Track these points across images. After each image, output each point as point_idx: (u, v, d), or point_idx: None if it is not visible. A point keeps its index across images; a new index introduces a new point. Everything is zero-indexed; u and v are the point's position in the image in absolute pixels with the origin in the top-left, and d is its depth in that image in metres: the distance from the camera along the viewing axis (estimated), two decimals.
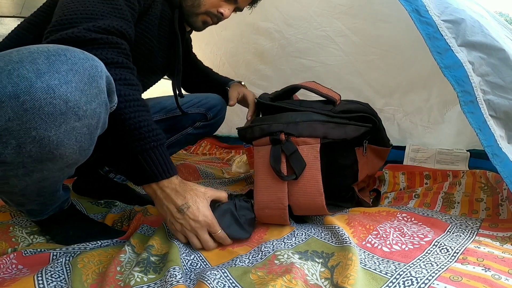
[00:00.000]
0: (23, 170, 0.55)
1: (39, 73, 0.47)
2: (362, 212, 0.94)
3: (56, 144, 0.51)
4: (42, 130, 0.49)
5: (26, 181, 0.58)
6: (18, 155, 0.51)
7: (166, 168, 0.71)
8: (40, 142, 0.50)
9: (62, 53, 0.50)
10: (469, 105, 0.77)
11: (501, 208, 0.88)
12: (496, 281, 0.57)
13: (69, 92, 0.49)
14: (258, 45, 1.75)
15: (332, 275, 0.63)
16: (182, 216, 0.73)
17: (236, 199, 0.82)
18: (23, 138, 0.49)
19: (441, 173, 1.11)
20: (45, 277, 0.62)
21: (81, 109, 0.51)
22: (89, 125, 0.54)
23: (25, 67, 0.47)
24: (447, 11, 0.79)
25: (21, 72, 0.47)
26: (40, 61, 0.48)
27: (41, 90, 0.47)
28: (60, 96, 0.49)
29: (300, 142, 0.84)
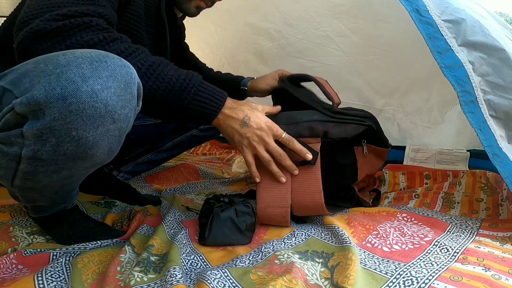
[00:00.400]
0: (54, 167, 0.58)
1: (84, 78, 0.50)
2: (362, 212, 0.93)
3: (91, 144, 0.55)
4: (82, 130, 0.53)
5: (52, 178, 0.61)
6: (55, 152, 0.54)
7: (216, 98, 0.72)
8: (78, 141, 0.54)
9: (103, 59, 0.53)
10: (469, 105, 0.77)
11: (501, 208, 0.88)
12: (496, 281, 0.57)
13: (108, 96, 0.53)
14: (257, 45, 1.74)
15: (332, 275, 0.63)
16: (247, 128, 0.74)
17: (236, 205, 0.82)
18: (63, 137, 0.52)
19: (441, 173, 1.11)
20: (45, 277, 0.62)
21: (116, 113, 0.55)
22: (120, 128, 0.58)
23: (71, 71, 0.50)
24: (448, 11, 0.79)
25: (69, 76, 0.50)
26: (84, 66, 0.51)
27: (86, 93, 0.51)
28: (101, 100, 0.52)
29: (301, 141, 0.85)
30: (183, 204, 1.03)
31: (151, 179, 1.36)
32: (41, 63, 0.52)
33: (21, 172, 0.59)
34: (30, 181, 0.61)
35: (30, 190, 0.67)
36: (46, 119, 0.50)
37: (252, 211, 0.85)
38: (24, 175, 0.59)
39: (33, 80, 0.51)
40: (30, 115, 0.51)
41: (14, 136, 0.54)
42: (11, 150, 0.55)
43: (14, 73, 0.54)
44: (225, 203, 0.83)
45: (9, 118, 0.53)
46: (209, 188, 1.28)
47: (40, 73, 0.50)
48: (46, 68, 0.51)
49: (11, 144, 0.55)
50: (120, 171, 1.20)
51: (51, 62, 0.51)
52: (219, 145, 2.03)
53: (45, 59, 0.52)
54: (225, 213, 0.80)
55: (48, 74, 0.50)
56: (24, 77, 0.52)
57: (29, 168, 0.57)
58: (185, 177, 1.41)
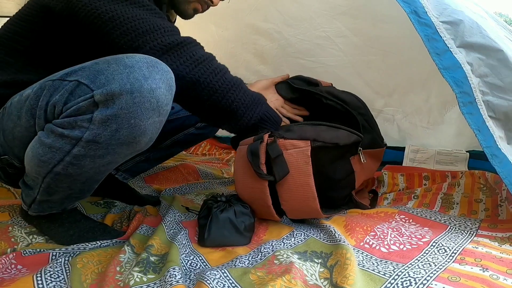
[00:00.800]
0: (103, 151, 0.67)
1: (145, 77, 0.63)
2: (360, 213, 0.94)
3: (142, 131, 0.66)
4: (138, 119, 0.64)
5: (95, 163, 0.69)
6: (111, 137, 0.64)
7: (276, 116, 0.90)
8: (133, 128, 0.64)
9: (155, 65, 0.65)
10: (468, 106, 0.77)
11: (500, 208, 0.88)
12: (494, 281, 0.58)
13: (160, 95, 0.65)
14: (258, 46, 1.74)
15: (331, 275, 0.63)
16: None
17: (235, 205, 0.82)
18: (123, 124, 0.63)
19: (439, 174, 1.12)
20: (44, 277, 0.63)
21: (162, 108, 0.67)
22: (161, 121, 0.69)
23: (136, 71, 0.63)
24: (446, 12, 0.79)
25: (135, 75, 0.62)
26: (144, 68, 0.63)
27: (147, 90, 0.63)
28: (156, 97, 0.64)
29: (289, 145, 0.81)
30: (183, 204, 1.03)
31: (151, 180, 1.36)
32: (113, 64, 0.63)
33: (71, 155, 0.66)
34: (74, 166, 0.68)
35: (64, 178, 0.71)
36: (115, 107, 0.62)
37: (251, 212, 0.85)
38: (71, 160, 0.67)
39: (108, 77, 0.62)
40: (102, 104, 0.62)
41: (81, 120, 0.63)
42: (73, 133, 0.64)
43: (87, 71, 0.64)
44: (223, 203, 0.83)
45: (83, 105, 0.63)
46: (208, 188, 1.28)
47: (114, 72, 0.62)
48: (118, 68, 0.62)
49: (74, 128, 0.64)
50: (119, 170, 1.20)
51: (121, 63, 0.63)
52: (219, 146, 2.03)
53: (115, 60, 0.64)
54: (224, 214, 0.80)
55: (120, 73, 0.62)
56: (99, 74, 0.63)
57: (81, 152, 0.66)
58: (184, 178, 1.41)
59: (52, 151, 0.66)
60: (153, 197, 1.14)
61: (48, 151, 0.66)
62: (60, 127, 0.65)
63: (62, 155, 0.66)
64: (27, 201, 0.79)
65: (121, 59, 0.64)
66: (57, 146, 0.65)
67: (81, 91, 0.63)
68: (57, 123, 0.65)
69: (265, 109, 0.86)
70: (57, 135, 0.65)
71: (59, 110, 0.65)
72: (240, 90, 0.82)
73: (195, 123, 1.26)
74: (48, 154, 0.67)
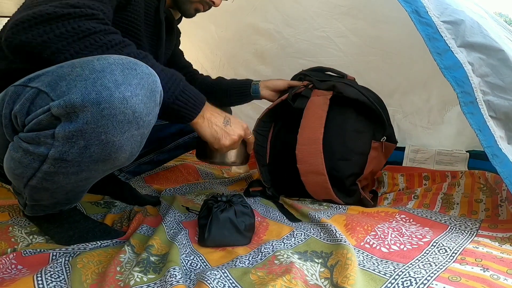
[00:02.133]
0: (76, 168, 0.60)
1: (117, 84, 0.53)
2: (360, 212, 0.94)
3: (117, 148, 0.58)
4: (111, 135, 0.55)
5: (70, 179, 0.62)
6: (81, 154, 0.57)
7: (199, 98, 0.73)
8: (105, 145, 0.56)
9: (133, 67, 0.56)
10: (469, 106, 0.77)
11: (500, 209, 0.88)
12: (494, 281, 0.57)
13: (137, 104, 0.55)
14: (258, 46, 1.74)
15: (332, 275, 0.63)
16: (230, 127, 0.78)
17: (235, 205, 0.82)
18: (92, 140, 0.55)
19: (439, 174, 1.12)
20: (44, 277, 0.62)
21: (141, 120, 0.57)
22: (142, 134, 0.61)
23: (106, 77, 0.53)
24: (447, 12, 0.79)
25: (103, 82, 0.52)
26: (117, 72, 0.53)
27: (118, 100, 0.53)
28: (130, 107, 0.55)
29: (319, 93, 1.05)
30: (183, 204, 1.03)
31: (151, 180, 1.36)
32: (78, 67, 0.54)
33: (42, 172, 0.60)
34: (47, 181, 0.63)
35: (43, 191, 0.67)
36: (79, 122, 0.53)
37: (251, 212, 0.85)
38: (44, 176, 0.61)
39: (70, 84, 0.53)
40: (64, 117, 0.53)
41: (44, 136, 0.56)
42: (38, 150, 0.57)
43: (49, 76, 0.56)
44: (223, 203, 0.83)
45: (43, 119, 0.55)
46: (208, 188, 1.28)
47: (76, 77, 0.53)
48: (83, 72, 0.53)
49: (39, 144, 0.57)
50: (122, 171, 1.20)
51: (87, 66, 0.53)
52: None
53: (81, 63, 0.54)
54: (224, 214, 0.80)
55: (84, 79, 0.52)
56: (61, 80, 0.54)
57: (52, 169, 0.59)
58: (184, 177, 1.41)
59: (22, 166, 0.60)
60: (153, 197, 1.14)
61: (19, 166, 0.61)
62: (25, 142, 0.58)
63: (32, 171, 0.60)
64: (21, 203, 0.78)
65: (90, 61, 0.54)
66: (25, 162, 0.59)
67: (41, 100, 0.55)
68: (22, 137, 0.58)
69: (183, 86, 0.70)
70: (24, 150, 0.58)
71: (22, 121, 0.57)
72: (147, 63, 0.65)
73: None
74: (19, 169, 0.61)
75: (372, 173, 1.08)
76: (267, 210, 1.02)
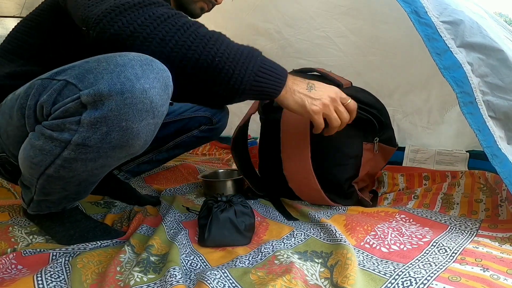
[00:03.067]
0: (94, 154, 0.63)
1: (137, 77, 0.58)
2: (360, 212, 0.94)
3: (134, 135, 0.62)
4: (130, 122, 0.60)
5: (87, 166, 0.66)
6: (102, 140, 0.61)
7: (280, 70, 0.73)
8: (125, 131, 0.61)
9: (150, 63, 0.61)
10: (468, 106, 0.77)
11: (500, 209, 0.88)
12: (495, 281, 0.57)
13: (154, 95, 0.60)
14: (258, 46, 1.71)
15: (332, 275, 0.63)
16: (315, 91, 0.74)
17: (235, 205, 0.82)
18: (113, 127, 0.60)
19: (439, 174, 1.12)
20: (44, 277, 0.63)
21: (157, 110, 0.62)
22: (156, 123, 0.65)
23: (128, 70, 0.58)
24: (446, 12, 0.79)
25: (126, 74, 0.58)
26: (137, 67, 0.59)
27: (139, 90, 0.58)
28: (149, 97, 0.60)
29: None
30: (183, 204, 1.03)
31: (151, 180, 1.37)
32: (103, 62, 0.59)
33: (62, 158, 0.63)
34: (65, 169, 0.66)
35: (58, 180, 0.69)
36: (104, 109, 0.58)
37: (251, 212, 0.85)
38: (62, 163, 0.64)
39: (97, 76, 0.58)
40: (90, 105, 0.58)
41: (70, 122, 0.60)
42: (61, 136, 0.61)
43: (77, 69, 0.61)
44: (223, 202, 0.83)
45: (71, 106, 0.59)
46: None
47: (103, 71, 0.58)
48: (108, 66, 0.58)
49: (63, 130, 0.61)
50: (121, 170, 1.20)
51: (112, 61, 0.59)
52: (219, 146, 2.03)
53: (106, 58, 0.60)
54: (224, 214, 0.80)
55: (110, 72, 0.58)
56: (88, 73, 0.59)
57: (72, 155, 0.63)
58: (184, 177, 1.41)
59: (43, 153, 0.64)
60: (153, 197, 1.15)
61: (39, 154, 0.64)
62: (49, 129, 0.62)
63: (52, 158, 0.64)
64: (26, 200, 0.79)
65: (113, 57, 0.60)
66: (47, 149, 0.63)
67: (69, 91, 0.60)
68: (46, 124, 0.63)
69: (262, 61, 0.71)
70: (46, 137, 0.62)
71: (48, 111, 0.62)
72: (222, 43, 0.67)
73: (199, 125, 1.27)
74: (39, 157, 0.64)
75: (369, 175, 1.07)
76: (267, 210, 1.02)
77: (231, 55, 0.67)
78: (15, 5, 1.84)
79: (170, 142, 1.27)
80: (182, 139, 1.27)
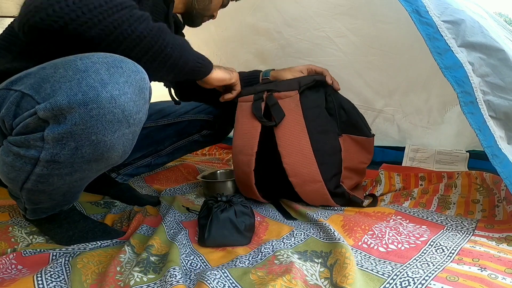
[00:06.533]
0: (69, 169, 0.59)
1: (103, 84, 0.52)
2: (357, 212, 0.94)
3: (109, 147, 0.57)
4: (101, 135, 0.55)
5: (64, 180, 0.62)
6: (72, 156, 0.56)
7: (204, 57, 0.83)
8: (96, 145, 0.56)
9: (119, 65, 0.55)
10: (469, 106, 0.77)
11: (497, 209, 0.88)
12: (493, 280, 0.57)
13: (125, 102, 0.55)
14: (258, 46, 1.75)
15: (331, 274, 0.63)
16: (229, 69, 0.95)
17: (235, 205, 0.82)
18: (82, 141, 0.54)
19: (436, 175, 1.11)
20: (44, 277, 0.63)
21: (132, 118, 0.57)
22: (134, 132, 0.60)
23: (91, 76, 0.51)
24: (447, 11, 0.79)
25: (89, 82, 0.51)
26: (102, 71, 0.52)
27: (106, 99, 0.52)
28: (119, 106, 0.54)
29: (283, 96, 0.98)
30: (183, 204, 1.03)
31: (151, 179, 1.36)
32: (60, 68, 0.53)
33: (36, 175, 0.60)
34: (42, 184, 0.62)
35: (40, 193, 0.67)
36: (67, 124, 0.52)
37: (251, 212, 0.85)
38: (37, 178, 0.61)
39: (54, 86, 0.52)
40: (51, 120, 0.53)
41: (33, 139, 0.55)
42: (28, 153, 0.57)
43: (32, 78, 0.55)
44: (223, 203, 0.83)
45: (30, 122, 0.54)
46: None
47: (60, 79, 0.51)
48: (66, 73, 0.52)
49: (29, 147, 0.56)
50: (119, 174, 1.19)
51: (70, 67, 0.52)
52: (219, 146, 2.03)
53: (63, 63, 0.53)
54: (224, 214, 0.80)
55: (68, 80, 0.51)
56: (45, 82, 0.53)
57: (45, 171, 0.59)
58: (184, 177, 1.41)
59: (15, 170, 0.60)
60: (153, 197, 1.14)
61: (12, 170, 0.60)
62: (15, 146, 0.57)
63: (26, 174, 0.60)
64: (21, 208, 0.78)
65: (72, 61, 0.53)
66: (18, 166, 0.59)
67: (26, 103, 0.54)
68: (11, 140, 0.58)
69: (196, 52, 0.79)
70: (14, 154, 0.58)
71: (9, 125, 0.57)
72: (170, 34, 0.69)
73: (200, 129, 1.24)
74: (13, 173, 0.61)
75: (350, 169, 1.04)
76: (267, 210, 1.02)
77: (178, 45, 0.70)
78: (15, 5, 1.84)
79: (170, 146, 1.24)
80: (182, 143, 1.24)
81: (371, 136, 1.09)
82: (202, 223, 0.82)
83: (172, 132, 1.21)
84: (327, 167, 0.97)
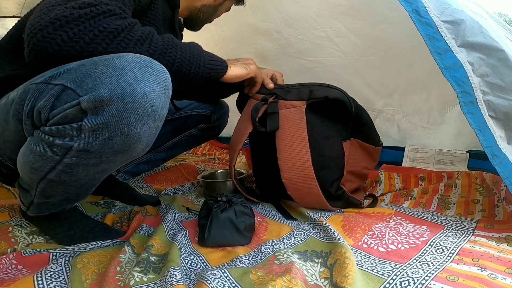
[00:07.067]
0: (96, 160, 0.63)
1: (137, 80, 0.58)
2: (357, 213, 0.94)
3: (136, 139, 0.62)
4: (132, 127, 0.60)
5: (89, 171, 0.66)
6: (103, 146, 0.60)
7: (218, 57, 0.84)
8: (127, 136, 0.60)
9: (149, 65, 0.60)
10: (469, 106, 0.77)
11: (497, 209, 0.88)
12: (493, 280, 0.58)
13: (154, 98, 0.60)
14: (258, 46, 1.75)
15: (331, 274, 0.63)
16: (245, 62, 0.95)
17: (235, 205, 0.82)
18: (115, 132, 0.59)
19: (435, 175, 1.11)
20: (44, 277, 0.63)
21: (157, 113, 0.62)
22: (157, 126, 0.65)
23: (127, 74, 0.57)
24: (447, 11, 0.79)
25: (126, 78, 0.57)
26: (136, 70, 0.58)
27: (139, 95, 0.58)
28: (149, 101, 0.60)
29: (288, 105, 0.95)
30: (183, 204, 1.03)
31: (151, 179, 1.37)
32: (101, 66, 0.57)
33: (63, 164, 0.63)
34: (66, 174, 0.65)
35: (59, 184, 0.69)
36: (105, 115, 0.57)
37: (251, 212, 0.85)
38: (64, 168, 0.64)
39: (96, 81, 0.56)
40: (90, 111, 0.57)
41: (70, 129, 0.59)
42: (62, 142, 0.60)
43: (73, 73, 0.58)
44: (223, 203, 0.83)
45: (70, 112, 0.58)
46: None
47: (102, 75, 0.56)
48: (107, 70, 0.57)
49: (63, 136, 0.60)
50: (119, 171, 1.20)
51: (110, 65, 0.57)
52: (219, 146, 2.03)
53: (103, 61, 0.58)
54: (224, 214, 0.80)
55: (109, 76, 0.56)
56: (86, 77, 0.57)
57: (73, 161, 0.62)
58: (184, 177, 1.41)
59: (43, 159, 0.63)
60: (153, 197, 1.15)
61: (39, 159, 0.63)
62: (49, 135, 0.61)
63: (53, 164, 0.63)
64: (25, 203, 0.78)
65: (110, 60, 0.58)
66: (48, 155, 0.62)
67: (67, 96, 0.58)
68: (45, 130, 0.61)
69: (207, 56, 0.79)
70: (46, 143, 0.61)
71: (46, 116, 0.60)
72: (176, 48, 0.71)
73: (197, 124, 1.26)
74: (39, 162, 0.63)
75: (353, 173, 1.04)
76: (267, 210, 1.02)
77: (186, 58, 0.73)
78: (15, 5, 1.84)
79: (168, 141, 1.26)
80: (180, 138, 1.26)
81: (379, 146, 1.09)
82: (202, 223, 0.82)
83: (170, 129, 1.23)
84: (329, 171, 0.96)
